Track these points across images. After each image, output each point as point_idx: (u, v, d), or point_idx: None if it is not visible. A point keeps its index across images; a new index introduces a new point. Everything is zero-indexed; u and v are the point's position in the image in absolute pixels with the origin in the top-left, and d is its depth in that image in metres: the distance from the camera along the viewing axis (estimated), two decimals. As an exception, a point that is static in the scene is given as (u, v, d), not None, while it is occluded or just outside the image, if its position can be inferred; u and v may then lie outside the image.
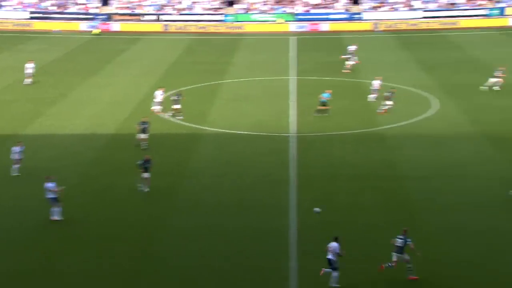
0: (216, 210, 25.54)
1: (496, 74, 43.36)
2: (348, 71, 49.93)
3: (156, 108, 39.18)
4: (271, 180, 28.66)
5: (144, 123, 32.72)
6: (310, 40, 68.61)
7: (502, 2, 75.92)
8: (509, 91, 42.95)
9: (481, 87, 43.28)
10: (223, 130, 36.08)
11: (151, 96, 40.42)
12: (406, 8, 76.82)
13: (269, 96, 44.10)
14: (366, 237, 22.82)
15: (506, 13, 73.97)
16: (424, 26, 72.80)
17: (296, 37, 70.31)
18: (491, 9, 74.75)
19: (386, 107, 37.99)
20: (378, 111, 38.03)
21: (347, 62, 50.57)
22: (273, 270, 20.86)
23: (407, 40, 66.02)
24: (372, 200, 26.22)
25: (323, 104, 38.03)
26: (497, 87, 43.08)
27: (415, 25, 73.39)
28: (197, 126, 36.80)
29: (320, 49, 63.20)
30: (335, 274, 19.50)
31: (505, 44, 62.41)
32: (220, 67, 54.31)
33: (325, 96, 38.37)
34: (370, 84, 42.32)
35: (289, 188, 27.55)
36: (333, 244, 19.84)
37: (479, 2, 76.15)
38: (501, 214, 24.61)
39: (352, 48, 52.50)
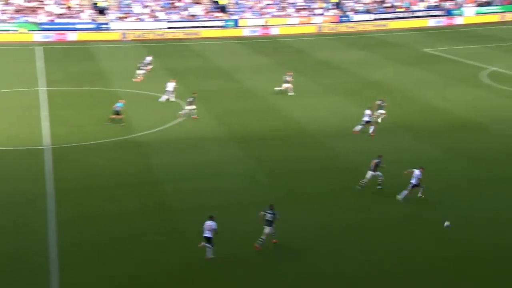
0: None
1: (286, 79, 46.67)
2: (140, 79, 50.52)
3: None
4: (26, 197, 27.61)
5: None
6: (57, 50, 66.66)
7: (235, 14, 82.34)
8: (247, 96, 46.62)
9: (275, 88, 46.25)
10: (-32, 148, 33.76)
11: None
12: (151, 19, 78.93)
13: (18, 108, 42.10)
14: (128, 243, 23.43)
15: (240, 25, 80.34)
16: (170, 36, 75.61)
17: (42, 47, 67.72)
18: (226, 21, 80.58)
19: (194, 112, 39.74)
20: (192, 116, 39.51)
21: (138, 72, 51.20)
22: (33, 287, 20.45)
23: (156, 49, 67.69)
24: (132, 207, 26.70)
25: (117, 113, 38.11)
26: (291, 92, 46.15)
27: (162, 35, 75.86)
28: None
29: (69, 58, 61.89)
30: (211, 248, 22.03)
31: (240, 52, 67.32)
32: (-42, 80, 50.30)
33: (119, 105, 38.66)
34: (165, 86, 44.11)
35: (47, 203, 26.86)
36: (209, 222, 22.16)
37: (216, 15, 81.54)
38: (251, 209, 25.97)
39: (148, 58, 53.64)
